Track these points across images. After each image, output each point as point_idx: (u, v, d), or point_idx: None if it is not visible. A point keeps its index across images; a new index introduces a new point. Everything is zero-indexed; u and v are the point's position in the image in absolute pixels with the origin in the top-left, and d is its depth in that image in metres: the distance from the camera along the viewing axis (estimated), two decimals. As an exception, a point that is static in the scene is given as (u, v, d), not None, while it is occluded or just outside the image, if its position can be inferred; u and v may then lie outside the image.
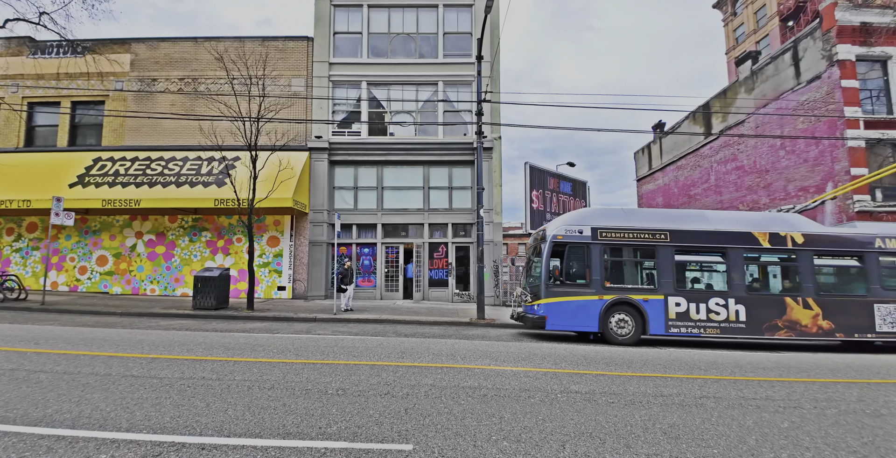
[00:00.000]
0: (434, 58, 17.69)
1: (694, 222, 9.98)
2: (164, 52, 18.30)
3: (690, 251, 9.91)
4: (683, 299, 9.44)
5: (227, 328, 9.82)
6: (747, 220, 10.23)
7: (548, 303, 9.46)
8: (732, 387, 5.51)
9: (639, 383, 5.51)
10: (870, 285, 9.66)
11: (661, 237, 9.67)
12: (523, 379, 5.43)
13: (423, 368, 5.89)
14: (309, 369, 5.53)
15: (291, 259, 16.60)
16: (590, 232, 9.67)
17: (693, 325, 9.37)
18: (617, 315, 9.38)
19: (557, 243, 9.66)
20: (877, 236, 9.89)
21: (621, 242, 9.71)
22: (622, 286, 9.65)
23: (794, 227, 10.01)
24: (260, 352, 6.71)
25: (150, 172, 16.42)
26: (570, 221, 9.96)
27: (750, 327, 9.40)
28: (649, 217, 10.13)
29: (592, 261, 9.57)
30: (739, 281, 9.57)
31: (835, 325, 9.43)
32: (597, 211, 10.33)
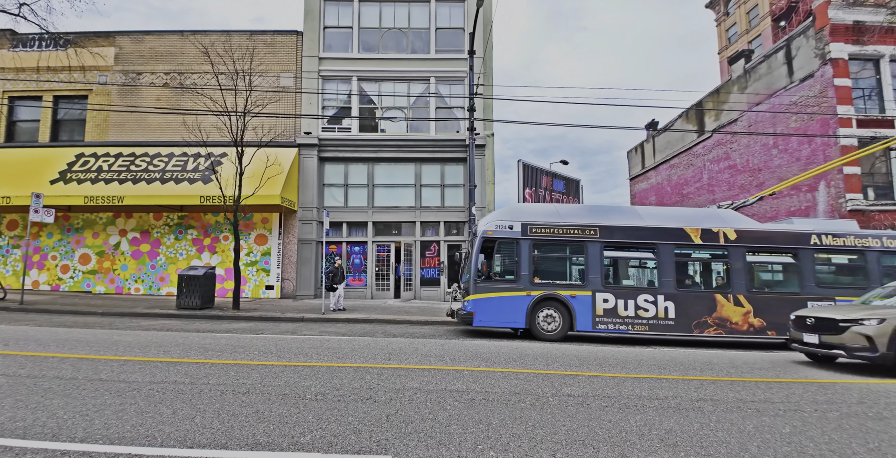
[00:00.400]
0: (426, 53, 17.43)
1: (625, 218, 9.87)
2: (150, 46, 17.88)
3: (620, 247, 9.83)
4: (611, 296, 9.33)
5: (209, 329, 9.52)
6: (680, 216, 10.12)
7: (476, 299, 9.35)
8: (730, 389, 5.32)
9: (633, 385, 5.30)
10: (804, 282, 9.56)
11: (590, 233, 9.57)
12: (514, 381, 5.21)
13: (409, 370, 5.65)
14: (289, 372, 5.27)
15: (280, 258, 16.27)
16: (520, 228, 9.57)
17: (621, 321, 9.26)
18: (544, 311, 9.27)
19: (487, 239, 9.55)
20: (812, 233, 9.78)
21: (551, 237, 9.60)
22: (551, 282, 9.55)
23: (727, 223, 9.87)
24: (240, 354, 6.43)
25: (134, 168, 16.02)
26: (502, 216, 9.84)
27: (679, 324, 9.28)
28: (581, 213, 10.03)
29: (521, 257, 9.46)
30: (669, 277, 9.44)
31: (766, 322, 9.32)
32: (529, 206, 10.24)
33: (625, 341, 9.84)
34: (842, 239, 9.78)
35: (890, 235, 9.95)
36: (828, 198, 18.00)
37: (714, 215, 10.20)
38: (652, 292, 9.42)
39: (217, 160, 15.71)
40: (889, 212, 17.25)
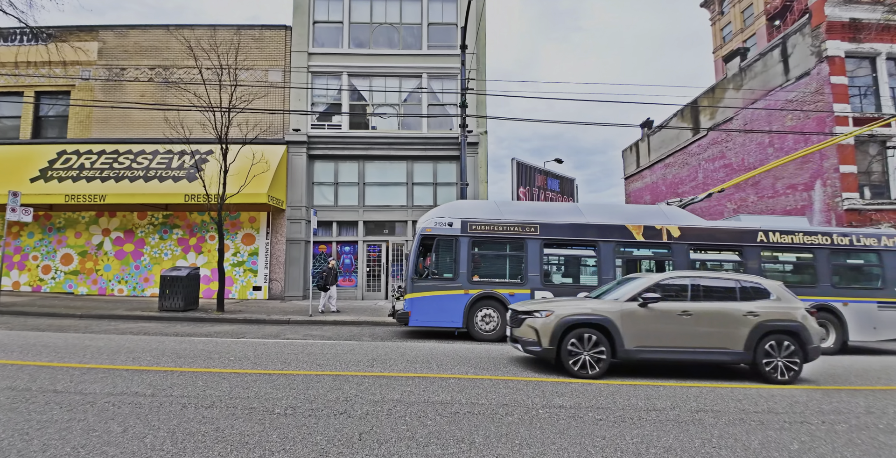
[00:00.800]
0: (418, 49, 17.07)
1: (567, 215, 9.62)
2: (134, 41, 17.42)
3: (561, 245, 9.56)
4: (550, 294, 9.06)
5: (189, 332, 9.14)
6: (624, 213, 9.85)
7: (413, 298, 9.07)
8: (730, 397, 5.03)
9: (629, 393, 5.00)
10: None
11: (530, 230, 9.31)
12: (502, 391, 4.89)
13: (392, 378, 5.31)
14: (262, 382, 4.92)
15: (268, 258, 15.87)
16: (459, 225, 9.30)
17: None
18: (483, 311, 9.00)
19: (426, 236, 9.27)
20: (759, 230, 9.51)
21: (491, 235, 9.33)
22: (490, 281, 9.28)
23: (671, 220, 9.60)
24: (214, 361, 6.07)
25: (117, 165, 15.57)
26: (442, 213, 9.55)
27: None
28: (523, 210, 9.74)
29: (460, 254, 9.19)
30: (610, 275, 9.17)
31: None
32: (471, 203, 9.95)
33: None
34: (790, 236, 9.48)
35: (841, 232, 9.65)
36: (824, 197, 17.82)
37: (658, 212, 9.89)
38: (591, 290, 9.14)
39: (203, 158, 15.29)
40: (885, 211, 17.09)
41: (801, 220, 10.31)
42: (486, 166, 17.06)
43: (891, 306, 9.32)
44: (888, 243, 9.60)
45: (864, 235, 9.64)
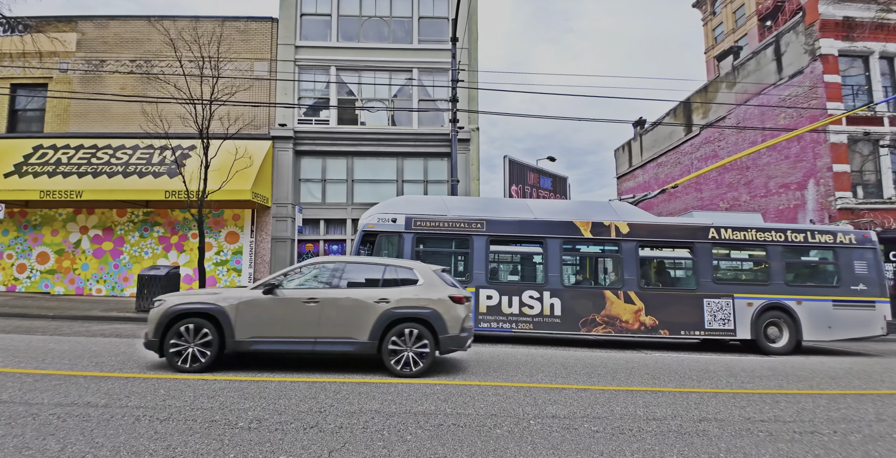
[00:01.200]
0: (409, 43, 16.68)
1: (514, 212, 9.35)
2: (115, 32, 16.85)
3: (507, 241, 9.30)
4: (496, 292, 8.78)
5: (164, 334, 8.68)
6: (572, 209, 9.59)
7: None
8: (733, 404, 4.72)
9: (626, 401, 4.67)
10: (700, 278, 9.01)
11: (476, 227, 9.04)
12: (491, 399, 4.54)
13: (373, 385, 4.95)
14: (230, 391, 4.53)
15: (252, 257, 15.40)
16: (404, 221, 9.00)
17: (504, 319, 8.71)
18: None
19: (368, 233, 8.95)
20: (711, 226, 9.24)
21: (435, 231, 9.04)
22: None
23: (620, 216, 9.36)
24: (183, 365, 5.66)
25: (95, 161, 15.01)
26: (385, 209, 9.28)
27: (566, 322, 8.74)
28: (469, 206, 9.47)
29: (404, 251, 8.86)
30: (556, 273, 8.91)
31: (658, 321, 8.76)
32: (416, 199, 9.66)
33: (509, 341, 9.26)
34: (742, 233, 9.23)
35: (795, 228, 9.41)
36: (817, 196, 17.71)
37: (607, 208, 9.65)
38: (538, 288, 8.88)
39: (185, 153, 14.80)
40: (878, 210, 17.01)
41: (756, 216, 10.03)
42: (478, 164, 16.72)
43: (846, 305, 9.08)
44: (843, 239, 9.36)
45: (819, 231, 9.42)
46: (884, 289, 9.30)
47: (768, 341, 8.88)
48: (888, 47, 17.98)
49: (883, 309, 9.15)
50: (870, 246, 9.43)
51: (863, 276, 9.22)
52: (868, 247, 9.41)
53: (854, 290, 9.14)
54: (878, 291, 9.24)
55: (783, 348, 8.84)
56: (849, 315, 9.04)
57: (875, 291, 9.21)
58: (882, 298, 9.21)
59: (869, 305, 9.11)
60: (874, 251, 9.44)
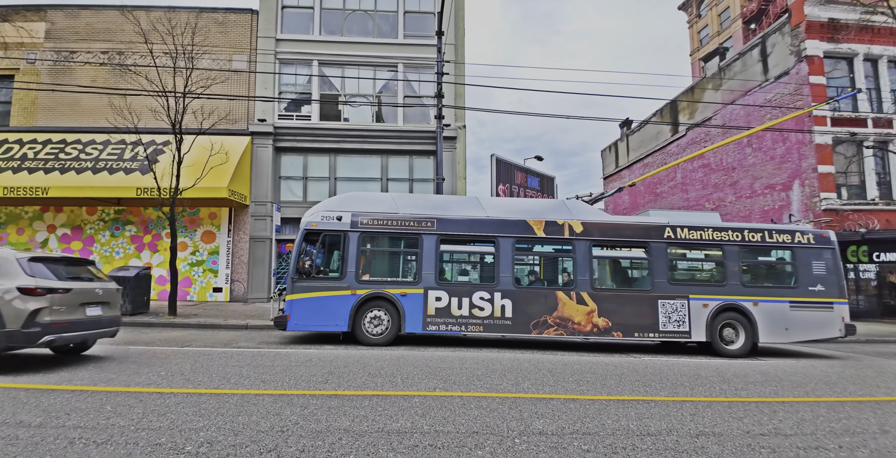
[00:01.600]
0: (394, 38, 16.29)
1: (466, 210, 9.02)
2: (86, 22, 16.13)
3: (458, 241, 8.95)
4: (445, 293, 8.46)
5: (130, 340, 8.18)
6: (526, 208, 9.29)
7: (293, 300, 8.27)
8: (730, 415, 4.44)
9: (617, 412, 4.36)
10: (654, 279, 8.78)
11: (426, 225, 8.69)
12: (474, 412, 4.19)
13: (345, 398, 4.56)
14: (186, 406, 4.10)
15: (230, 257, 14.85)
16: (349, 219, 8.60)
17: (454, 322, 8.38)
18: (371, 312, 8.32)
19: (311, 232, 8.51)
20: (666, 225, 9.02)
21: (383, 230, 8.68)
22: (381, 280, 8.64)
23: (574, 215, 9.11)
24: (141, 377, 5.21)
25: (63, 156, 14.32)
26: (330, 206, 8.83)
27: (517, 323, 8.46)
28: (419, 204, 9.11)
29: (349, 251, 8.47)
30: (508, 273, 8.63)
31: (612, 323, 8.52)
32: (364, 196, 9.25)
33: (459, 343, 8.99)
34: (698, 232, 9.01)
35: (752, 227, 9.22)
36: (802, 197, 17.76)
37: (563, 207, 9.37)
38: (489, 289, 8.57)
39: (159, 149, 14.19)
40: (862, 211, 17.11)
41: (714, 216, 9.84)
42: (465, 162, 16.40)
43: (803, 306, 8.88)
44: (802, 239, 9.17)
45: (777, 231, 9.23)
46: (842, 290, 9.09)
47: (724, 343, 8.67)
48: (872, 49, 18.12)
49: (841, 311, 8.95)
50: (828, 246, 9.24)
51: (821, 276, 9.03)
52: (827, 247, 9.23)
53: (812, 291, 8.95)
54: (837, 292, 9.03)
55: (739, 350, 8.64)
56: (806, 317, 8.84)
57: (833, 292, 9.01)
58: (840, 299, 9.01)
59: (827, 306, 8.93)
60: (833, 251, 9.24)
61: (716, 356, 8.53)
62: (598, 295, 8.63)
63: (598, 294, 8.64)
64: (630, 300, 8.71)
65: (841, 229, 17.01)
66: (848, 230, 16.85)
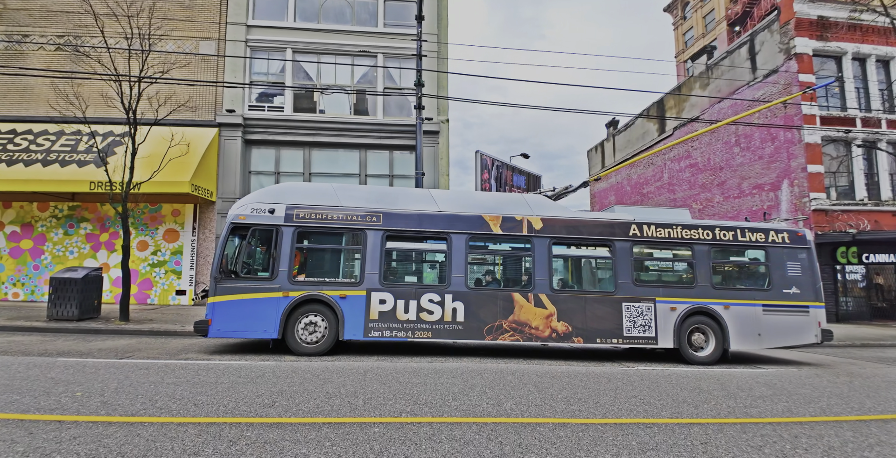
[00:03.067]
0: (373, 26, 15.48)
1: (417, 204, 8.22)
2: (41, 4, 14.98)
3: (406, 238, 8.17)
4: (390, 296, 7.67)
5: (64, 350, 7.24)
6: (482, 202, 8.53)
7: (217, 303, 7.33)
8: (746, 443, 3.77)
9: (616, 441, 3.66)
10: (619, 280, 8.16)
11: (371, 220, 7.87)
12: (445, 447, 3.43)
13: (287, 428, 3.76)
14: (81, 442, 3.26)
15: (194, 257, 13.84)
16: (283, 212, 7.71)
17: (399, 327, 7.60)
18: (306, 318, 7.47)
19: (238, 226, 7.58)
20: (633, 223, 8.41)
21: (322, 224, 7.81)
22: (319, 280, 7.74)
23: (534, 210, 8.41)
24: (50, 398, 4.33)
25: (11, 147, 13.18)
26: (262, 197, 7.89)
27: (469, 329, 7.72)
28: (364, 196, 8.23)
29: (282, 248, 7.59)
30: (461, 274, 7.88)
31: (572, 327, 7.86)
32: (300, 187, 8.42)
33: (405, 351, 8.32)
34: (666, 230, 8.42)
35: (724, 225, 8.67)
36: (791, 197, 17.45)
37: (522, 202, 8.64)
38: (439, 290, 7.81)
39: (117, 140, 13.16)
40: (851, 212, 16.84)
41: (683, 213, 9.24)
42: (448, 158, 15.65)
43: (777, 310, 8.31)
44: (776, 238, 8.65)
45: (749, 229, 8.66)
46: (818, 293, 8.54)
47: (693, 350, 8.07)
48: (861, 48, 17.91)
49: (817, 315, 8.39)
50: (804, 246, 8.70)
51: (796, 278, 8.49)
52: (802, 247, 8.68)
53: (786, 294, 8.40)
54: (813, 295, 8.49)
55: (708, 357, 8.03)
56: (780, 321, 8.27)
57: (809, 295, 8.46)
58: (817, 302, 8.46)
59: (802, 310, 8.37)
60: (809, 251, 8.70)
61: (684, 364, 7.90)
62: (557, 297, 7.94)
63: (557, 296, 7.95)
64: (592, 303, 8.00)
65: (831, 229, 16.72)
66: (838, 231, 16.56)
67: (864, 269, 17.73)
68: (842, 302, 17.33)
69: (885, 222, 17.18)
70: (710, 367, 7.74)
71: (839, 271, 17.36)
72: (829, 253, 16.92)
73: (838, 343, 11.36)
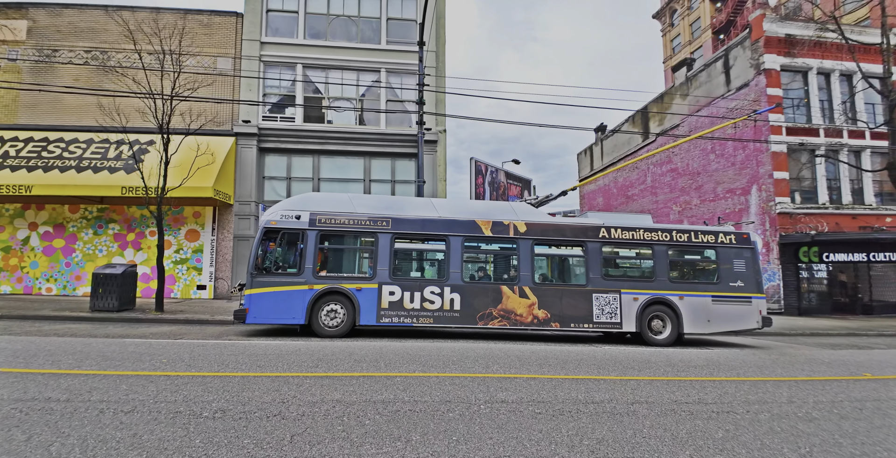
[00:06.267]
0: (377, 44, 16.83)
1: (420, 210, 9.75)
2: (69, 20, 16.20)
3: (411, 239, 9.66)
4: (398, 288, 9.15)
5: (122, 334, 8.57)
6: (475, 209, 10.09)
7: (252, 294, 8.81)
8: (665, 389, 5.22)
9: (570, 387, 5.09)
10: (590, 275, 9.66)
11: (382, 224, 9.37)
12: (447, 388, 4.85)
13: (335, 379, 5.17)
14: (194, 385, 4.65)
15: (213, 255, 15.17)
16: (308, 218, 9.18)
17: (406, 314, 9.10)
18: (328, 306, 8.95)
19: (270, 230, 9.04)
20: (602, 226, 9.92)
21: (340, 228, 9.29)
22: (337, 276, 9.27)
23: (519, 216, 9.94)
24: (145, 363, 5.70)
25: (46, 154, 14.43)
26: (289, 206, 9.40)
27: (464, 316, 9.22)
28: (376, 204, 9.77)
29: (307, 248, 9.05)
30: (457, 269, 9.39)
31: (550, 314, 9.36)
32: (321, 196, 9.87)
33: (412, 334, 9.78)
34: (631, 232, 9.93)
35: (680, 228, 10.17)
36: (759, 201, 19.01)
37: (508, 209, 10.19)
38: (439, 283, 9.30)
39: (143, 148, 14.44)
40: (814, 215, 18.43)
41: (646, 218, 10.76)
42: (445, 165, 17.05)
43: (724, 300, 9.83)
44: (724, 239, 10.15)
45: (702, 231, 10.19)
46: (760, 286, 10.07)
47: (652, 334, 9.57)
48: (824, 64, 19.48)
49: (759, 304, 9.94)
50: (748, 245, 10.23)
51: (741, 273, 10.01)
52: (747, 246, 10.22)
53: (732, 286, 9.92)
54: (755, 287, 10.01)
55: (665, 339, 9.54)
56: (727, 310, 9.80)
57: (751, 287, 9.99)
58: (758, 294, 10.00)
59: (745, 300, 9.90)
60: (752, 251, 10.23)
61: (645, 346, 9.38)
62: (538, 289, 9.44)
63: (538, 288, 9.46)
64: (567, 294, 9.53)
65: (794, 231, 18.31)
66: (800, 232, 18.14)
67: (829, 266, 19.30)
68: (805, 297, 18.90)
69: (845, 225, 18.77)
70: (666, 348, 9.21)
71: (802, 269, 18.92)
72: (793, 253, 18.49)
73: (790, 332, 12.88)
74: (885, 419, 4.39)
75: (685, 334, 9.71)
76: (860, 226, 18.76)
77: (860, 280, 19.36)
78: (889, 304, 19.20)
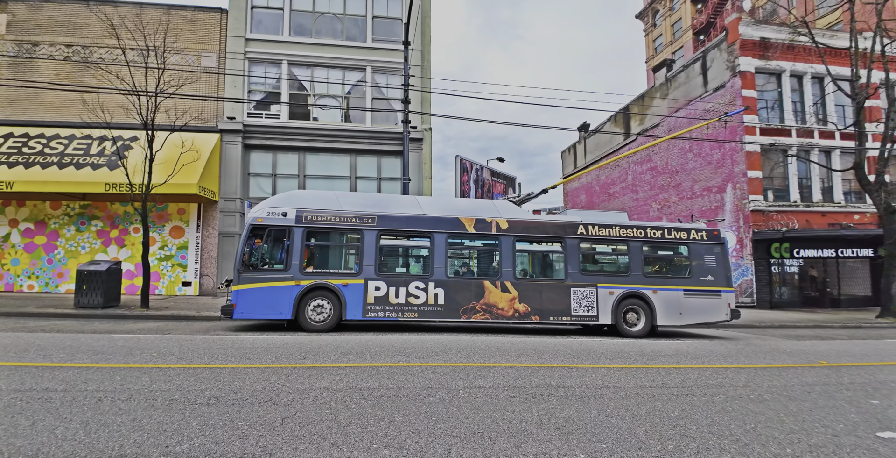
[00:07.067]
0: (362, 41, 16.95)
1: (405, 208, 10.02)
2: (49, 15, 15.97)
3: (396, 236, 9.94)
4: (384, 284, 9.40)
5: (109, 329, 8.67)
6: (459, 207, 10.43)
7: (239, 290, 8.96)
8: (633, 376, 5.59)
9: (545, 374, 5.43)
10: (568, 270, 10.10)
11: (367, 221, 9.60)
12: (429, 376, 5.14)
13: (322, 369, 5.42)
14: (185, 375, 4.86)
15: (198, 252, 15.20)
16: (294, 215, 9.37)
17: (391, 309, 9.36)
18: (315, 301, 9.16)
19: (257, 227, 9.20)
20: (580, 223, 10.36)
21: (326, 225, 9.50)
22: (324, 272, 9.45)
23: (501, 213, 10.31)
24: (136, 356, 5.87)
25: (27, 150, 14.27)
26: (276, 203, 9.58)
27: (448, 310, 9.54)
28: (362, 202, 10.01)
29: (294, 245, 9.23)
30: (441, 265, 9.70)
31: (531, 308, 9.76)
32: (308, 193, 10.09)
33: (397, 329, 10.16)
34: (607, 229, 10.35)
35: (654, 225, 10.65)
36: (734, 199, 19.68)
37: (491, 207, 10.55)
38: (424, 279, 9.58)
39: (126, 145, 14.39)
40: (785, 212, 19.15)
41: (622, 215, 11.22)
42: (431, 162, 17.29)
43: (695, 294, 10.36)
44: (696, 236, 10.69)
45: (675, 228, 10.70)
46: (729, 280, 10.63)
47: (627, 326, 10.04)
48: (797, 66, 20.18)
49: (728, 298, 10.49)
50: (718, 242, 10.78)
51: (711, 268, 10.56)
52: (717, 242, 10.77)
53: (703, 281, 10.46)
54: (724, 281, 10.56)
55: (640, 331, 10.02)
56: (698, 303, 10.33)
57: (721, 281, 10.54)
58: (727, 288, 10.55)
59: (715, 294, 10.44)
60: (722, 247, 10.79)
61: (620, 337, 9.80)
62: (519, 284, 9.82)
63: (519, 283, 9.83)
64: (547, 288, 9.93)
65: (766, 228, 19.01)
66: (772, 229, 18.85)
67: (800, 262, 20.08)
68: (777, 292, 19.65)
69: (815, 222, 19.55)
70: (640, 339, 9.64)
71: (774, 265, 19.65)
72: (765, 249, 19.20)
73: (759, 325, 13.47)
74: (829, 400, 4.81)
75: (658, 326, 10.17)
76: (829, 223, 19.56)
77: (829, 275, 20.19)
78: (856, 298, 20.08)
